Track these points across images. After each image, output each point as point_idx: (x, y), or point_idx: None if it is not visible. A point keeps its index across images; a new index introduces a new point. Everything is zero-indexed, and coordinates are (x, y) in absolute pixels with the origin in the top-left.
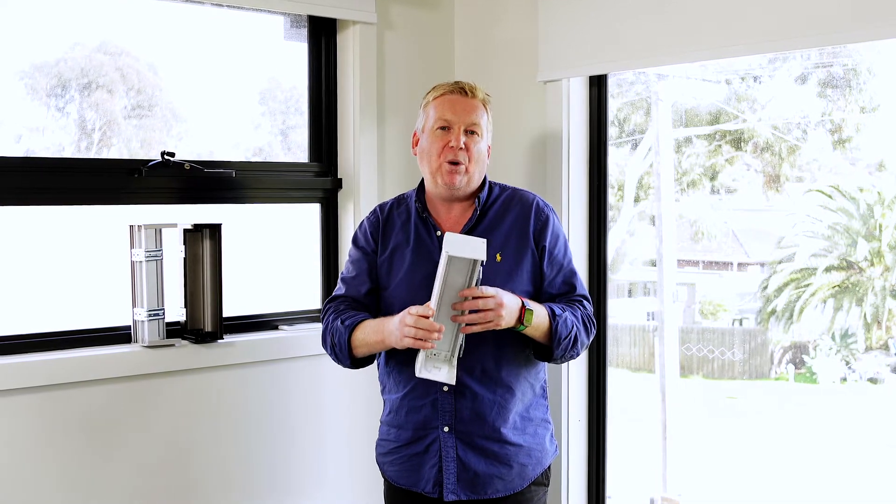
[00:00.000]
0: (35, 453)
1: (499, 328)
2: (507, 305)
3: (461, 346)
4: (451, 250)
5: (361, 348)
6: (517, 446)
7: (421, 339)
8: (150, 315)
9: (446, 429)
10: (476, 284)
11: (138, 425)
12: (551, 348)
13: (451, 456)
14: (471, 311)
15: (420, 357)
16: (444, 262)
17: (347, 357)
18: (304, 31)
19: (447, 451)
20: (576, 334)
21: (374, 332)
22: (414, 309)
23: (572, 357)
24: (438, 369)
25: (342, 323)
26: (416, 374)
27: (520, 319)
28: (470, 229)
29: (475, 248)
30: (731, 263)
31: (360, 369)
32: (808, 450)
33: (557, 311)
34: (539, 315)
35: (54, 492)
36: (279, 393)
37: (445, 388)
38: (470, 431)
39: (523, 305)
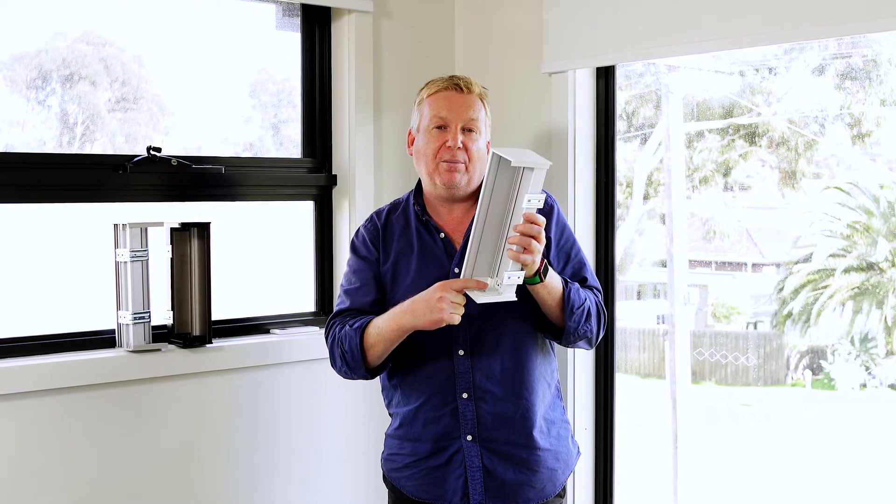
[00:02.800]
0: (14, 463)
1: (526, 264)
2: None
3: (500, 265)
4: (516, 160)
5: (377, 347)
6: (545, 450)
7: (458, 313)
8: (135, 318)
9: (469, 438)
10: (516, 201)
11: (123, 434)
12: (563, 318)
13: (476, 465)
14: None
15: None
16: (492, 178)
17: (361, 363)
18: (297, 20)
19: (472, 460)
20: (588, 308)
21: (390, 321)
22: (457, 283)
23: (586, 336)
24: (496, 292)
25: (350, 327)
26: (477, 302)
27: (538, 271)
28: None
29: (529, 156)
30: (746, 264)
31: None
32: (827, 459)
33: (569, 281)
34: (554, 276)
35: (34, 502)
36: (271, 400)
37: (465, 396)
38: (495, 438)
39: (544, 259)
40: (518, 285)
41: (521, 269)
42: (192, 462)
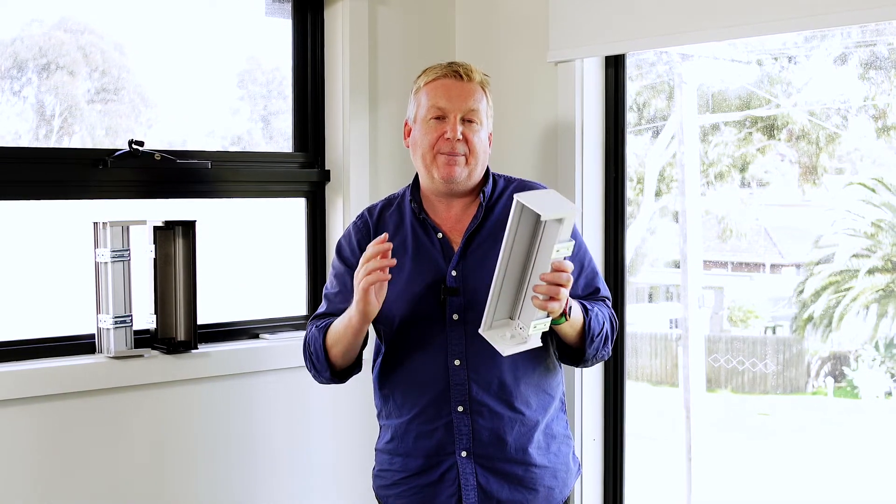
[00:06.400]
0: None
1: (553, 312)
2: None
3: (522, 309)
4: (546, 213)
5: (336, 346)
6: (543, 468)
7: (378, 270)
8: (116, 322)
9: (464, 454)
10: (541, 245)
11: (104, 444)
12: (583, 347)
13: (471, 484)
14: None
15: (487, 318)
16: (515, 225)
17: (326, 366)
18: (288, 6)
19: (466, 478)
20: (606, 332)
21: (342, 318)
22: (368, 252)
23: (602, 358)
24: (521, 340)
25: (317, 328)
26: (504, 354)
27: (563, 311)
28: (475, 228)
29: (555, 202)
30: (764, 265)
31: (350, 383)
32: (849, 471)
33: (588, 305)
34: (576, 309)
35: None
36: (259, 409)
37: (460, 409)
38: (491, 455)
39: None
40: None
41: (547, 316)
42: (176, 474)
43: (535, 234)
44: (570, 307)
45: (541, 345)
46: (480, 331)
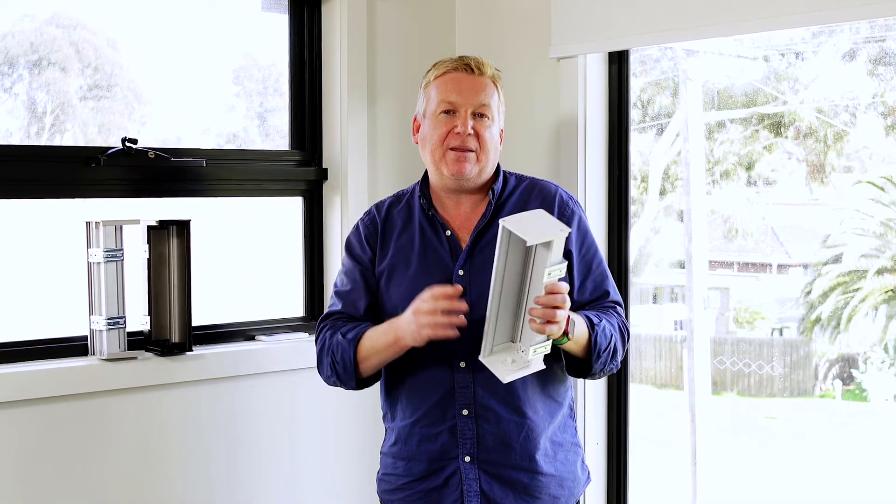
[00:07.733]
0: None
1: (552, 335)
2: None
3: (522, 333)
4: (531, 238)
5: (370, 360)
6: (548, 476)
7: (442, 326)
8: (109, 324)
9: (468, 459)
10: (534, 267)
11: (97, 448)
12: (590, 362)
13: (473, 490)
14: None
15: (485, 345)
16: (504, 244)
17: (353, 376)
18: (285, 1)
19: (469, 484)
20: (615, 345)
21: (384, 334)
22: (436, 290)
23: (611, 371)
24: (523, 365)
25: (343, 336)
26: (504, 381)
27: (564, 330)
28: (484, 226)
29: (543, 223)
30: (770, 265)
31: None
32: (858, 476)
33: (594, 319)
34: (579, 326)
35: None
36: (256, 412)
37: (465, 412)
38: (495, 461)
39: (568, 315)
40: None
41: (547, 339)
42: (170, 479)
43: (528, 257)
44: (574, 324)
45: (543, 367)
46: (481, 357)
